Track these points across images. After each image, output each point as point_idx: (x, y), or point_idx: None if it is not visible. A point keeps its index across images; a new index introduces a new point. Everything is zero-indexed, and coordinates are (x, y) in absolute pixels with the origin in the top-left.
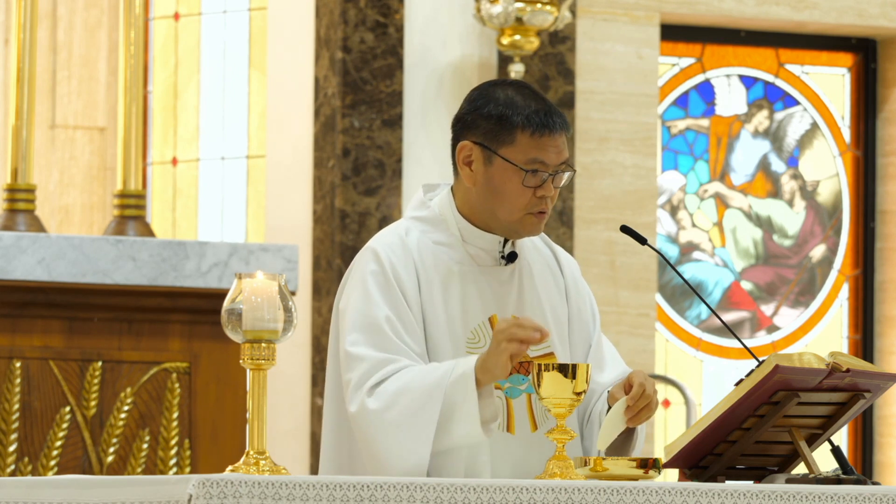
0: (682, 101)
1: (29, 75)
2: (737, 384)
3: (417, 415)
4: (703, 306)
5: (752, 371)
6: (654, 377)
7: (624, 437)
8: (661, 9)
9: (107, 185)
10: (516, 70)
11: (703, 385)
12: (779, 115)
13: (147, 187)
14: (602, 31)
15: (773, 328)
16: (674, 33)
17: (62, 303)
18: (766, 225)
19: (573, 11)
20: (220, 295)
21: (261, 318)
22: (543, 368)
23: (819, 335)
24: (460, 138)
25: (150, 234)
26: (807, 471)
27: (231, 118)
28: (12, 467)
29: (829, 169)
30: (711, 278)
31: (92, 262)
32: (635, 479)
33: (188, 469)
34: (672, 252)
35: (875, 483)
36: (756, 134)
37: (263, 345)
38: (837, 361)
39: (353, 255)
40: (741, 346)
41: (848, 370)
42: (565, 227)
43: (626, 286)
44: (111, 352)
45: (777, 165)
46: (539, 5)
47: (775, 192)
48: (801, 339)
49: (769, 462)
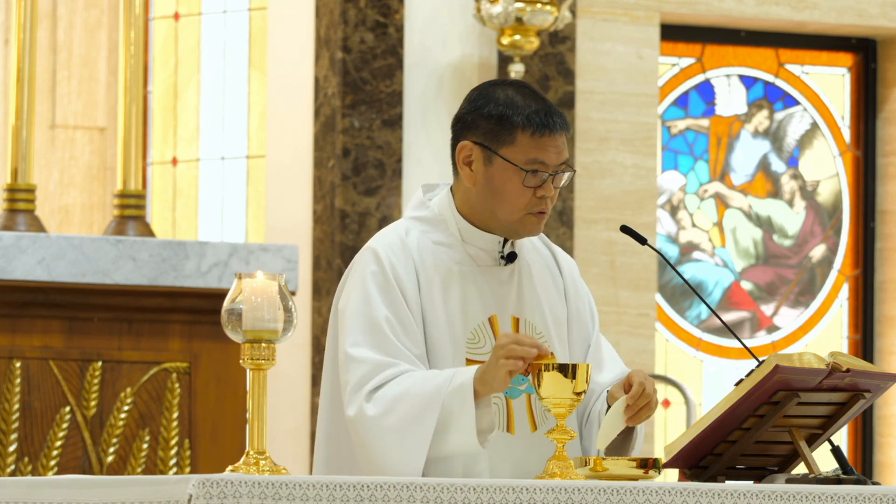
0: (682, 101)
1: (29, 75)
2: (737, 384)
3: (414, 422)
4: (703, 306)
5: (752, 371)
6: (654, 377)
7: (623, 436)
8: (661, 9)
9: (107, 185)
10: (516, 70)
11: (703, 385)
12: (779, 115)
13: (147, 187)
14: (602, 31)
15: (773, 328)
16: (674, 33)
17: (62, 303)
18: (766, 225)
19: (573, 11)
20: (220, 295)
21: (261, 318)
22: (543, 368)
23: (819, 335)
24: (460, 138)
25: (150, 234)
26: (807, 471)
27: (231, 118)
28: (12, 467)
29: (829, 169)
30: (711, 278)
31: (92, 262)
32: (635, 479)
33: (188, 469)
34: (672, 252)
35: (875, 483)
36: (756, 134)
37: (263, 345)
38: (837, 361)
39: (353, 255)
40: (741, 346)
41: (848, 370)
42: (565, 227)
43: (626, 286)
44: (111, 352)
45: (777, 165)
46: (539, 5)
47: (775, 192)
48: (801, 339)
49: (769, 462)
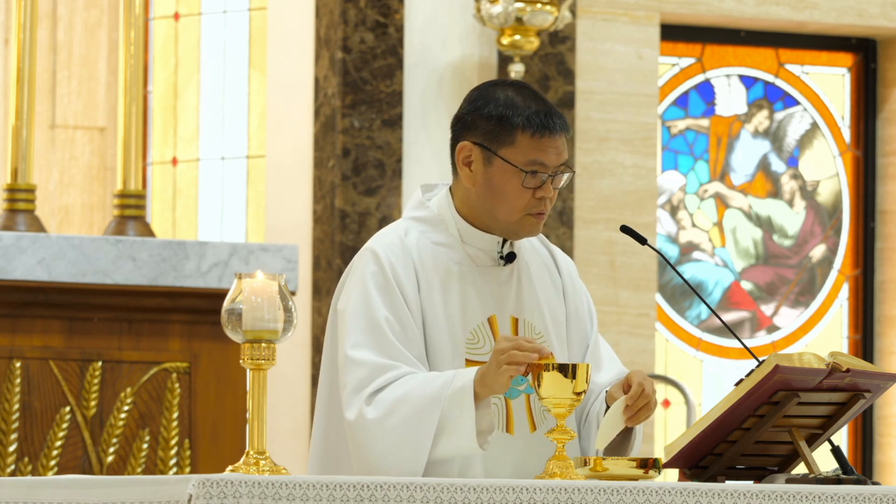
0: (682, 101)
1: (29, 75)
2: (737, 384)
3: (414, 425)
4: (703, 306)
5: (752, 371)
6: (654, 377)
7: (622, 436)
8: (661, 9)
9: (107, 185)
10: (516, 70)
11: (703, 385)
12: (779, 115)
13: (147, 187)
14: (602, 31)
15: (773, 328)
16: (674, 33)
17: (62, 303)
18: (766, 225)
19: (573, 11)
20: (220, 295)
21: (261, 318)
22: (543, 368)
23: (819, 335)
24: (460, 138)
25: (150, 234)
26: (807, 471)
27: (231, 118)
28: (12, 467)
29: (829, 169)
30: (711, 278)
31: (92, 262)
32: (635, 479)
33: (188, 469)
34: (672, 252)
35: (875, 483)
36: (756, 134)
37: (263, 345)
38: (837, 361)
39: (353, 255)
40: (741, 346)
41: (848, 370)
42: (565, 227)
43: (626, 286)
44: (111, 352)
45: (777, 165)
46: (539, 5)
47: (775, 192)
48: (801, 339)
49: (769, 462)
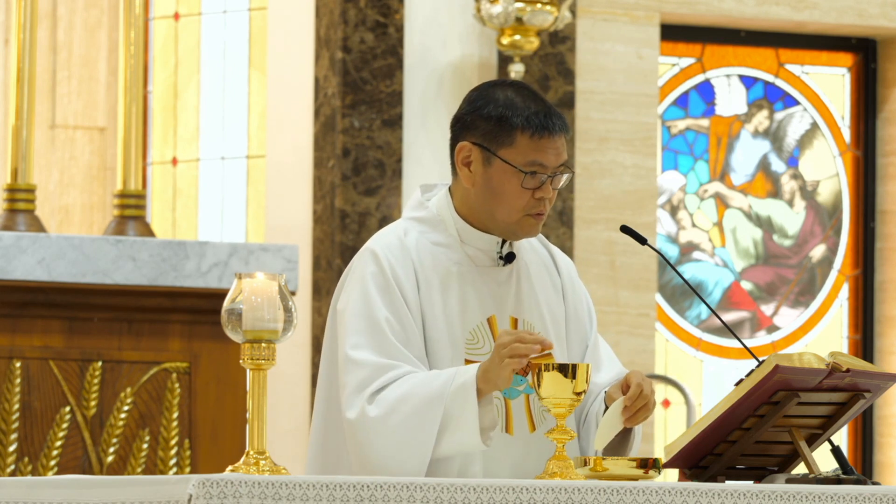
0: (682, 101)
1: (29, 75)
2: (737, 384)
3: (417, 422)
4: (703, 306)
5: (752, 371)
6: (654, 377)
7: (621, 437)
8: (661, 9)
9: (107, 185)
10: (516, 70)
11: (703, 385)
12: (779, 115)
13: (147, 187)
14: (602, 31)
15: (773, 328)
16: (674, 33)
17: (62, 303)
18: (766, 225)
19: (573, 11)
20: (220, 295)
21: (261, 318)
22: (543, 368)
23: (819, 335)
24: (459, 139)
25: (150, 234)
26: (807, 471)
27: (231, 118)
28: (12, 467)
29: (829, 169)
30: (711, 278)
31: (92, 262)
32: (635, 479)
33: (188, 469)
34: (672, 252)
35: (875, 483)
36: (756, 134)
37: (263, 345)
38: (837, 361)
39: (353, 255)
40: (741, 346)
41: (848, 370)
42: (565, 227)
43: (626, 286)
44: (111, 352)
45: (777, 165)
46: (539, 5)
47: (775, 192)
48: (801, 339)
49: (769, 462)
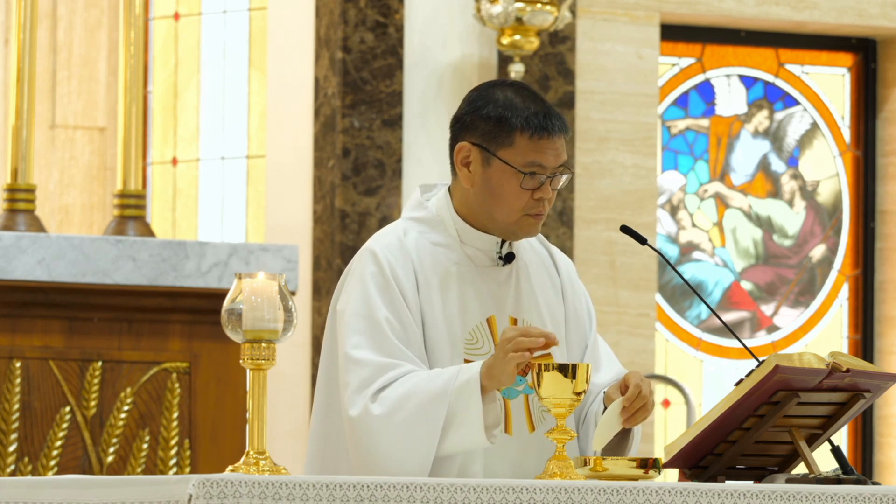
0: (682, 101)
1: (29, 75)
2: (737, 384)
3: (422, 420)
4: (703, 306)
5: (752, 371)
6: (655, 377)
7: (620, 437)
8: (661, 9)
9: (107, 185)
10: (516, 70)
11: (703, 385)
12: (779, 115)
13: (147, 187)
14: (602, 31)
15: (773, 328)
16: (674, 33)
17: (62, 303)
18: (766, 225)
19: (573, 11)
20: (220, 295)
21: (261, 318)
22: (543, 368)
23: (819, 335)
24: (458, 139)
25: (150, 234)
26: (807, 471)
27: (231, 118)
28: (12, 467)
29: (829, 169)
30: (711, 278)
31: (92, 262)
32: (635, 479)
33: (188, 469)
34: (672, 252)
35: (875, 483)
36: (756, 134)
37: (263, 345)
38: (837, 361)
39: (353, 255)
40: (741, 346)
41: (848, 370)
42: (565, 227)
43: (626, 286)
44: (111, 352)
45: (777, 165)
46: (539, 5)
47: (775, 192)
48: (801, 339)
49: (769, 462)
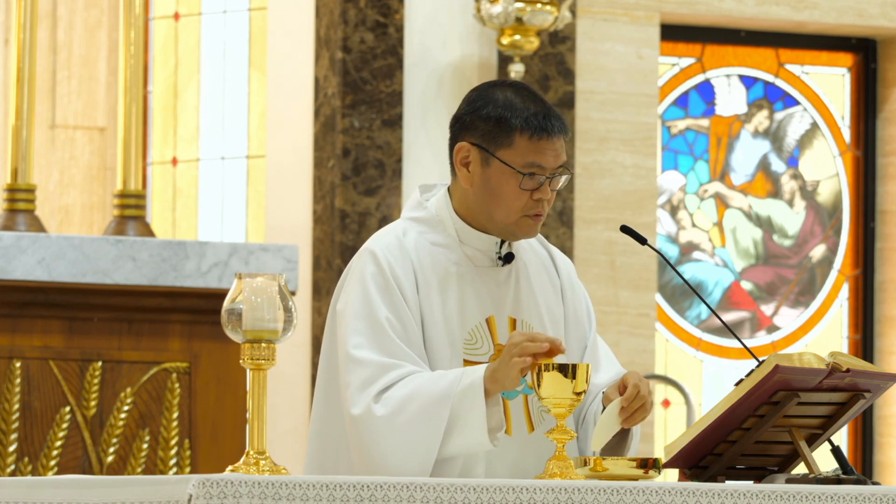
0: (682, 101)
1: (29, 75)
2: (737, 384)
3: (425, 422)
4: (703, 306)
5: (752, 371)
6: (654, 377)
7: (619, 438)
8: (661, 9)
9: (107, 185)
10: (516, 70)
11: (703, 385)
12: (779, 115)
13: (147, 187)
14: (602, 31)
15: (773, 328)
16: (674, 33)
17: (62, 303)
18: (766, 225)
19: (573, 11)
20: (220, 295)
21: (261, 318)
22: (543, 368)
23: (819, 335)
24: (458, 139)
25: (150, 234)
26: (807, 471)
27: (231, 118)
28: (12, 467)
29: (829, 169)
30: (711, 278)
31: (92, 262)
32: (635, 479)
33: (188, 469)
34: (672, 252)
35: (875, 483)
36: (756, 134)
37: (263, 345)
38: (837, 361)
39: (353, 255)
40: (741, 346)
41: (848, 370)
42: (565, 227)
43: (626, 286)
44: (111, 352)
45: (777, 165)
46: (539, 5)
47: (775, 192)
48: (801, 339)
49: (769, 462)
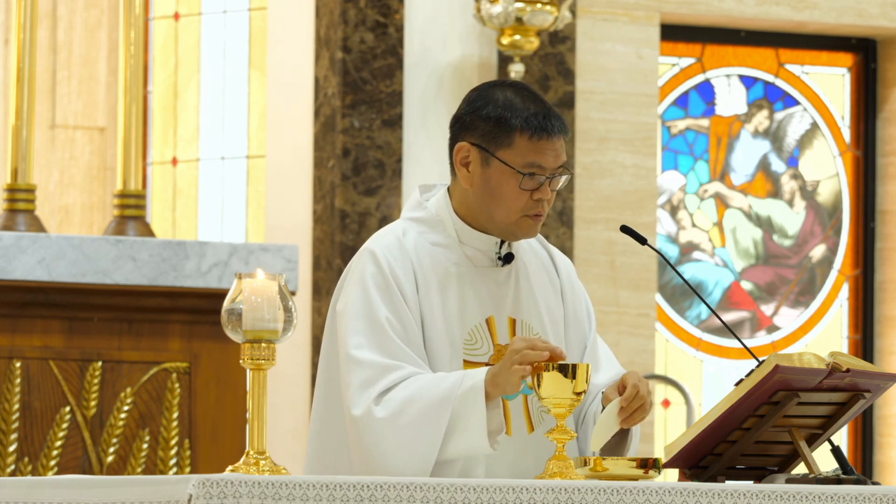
0: (682, 101)
1: (29, 75)
2: (737, 384)
3: (425, 425)
4: (703, 306)
5: (752, 371)
6: (654, 377)
7: (618, 438)
8: (661, 9)
9: (107, 185)
10: (516, 70)
11: (703, 385)
12: (779, 115)
13: (147, 187)
14: (602, 31)
15: (773, 328)
16: (674, 33)
17: (62, 303)
18: (766, 225)
19: (573, 11)
20: (220, 295)
21: (261, 318)
22: (543, 369)
23: (819, 335)
24: (458, 139)
25: (150, 234)
26: (807, 471)
27: (231, 118)
28: (12, 467)
29: (829, 169)
30: (711, 278)
31: (92, 262)
32: (635, 479)
33: (188, 469)
34: (672, 252)
35: (875, 483)
36: (756, 134)
37: (263, 345)
38: (837, 361)
39: (353, 255)
40: (741, 346)
41: (848, 370)
42: (565, 227)
43: (626, 286)
44: (111, 352)
45: (777, 165)
46: (539, 5)
47: (775, 192)
48: (801, 339)
49: (769, 462)
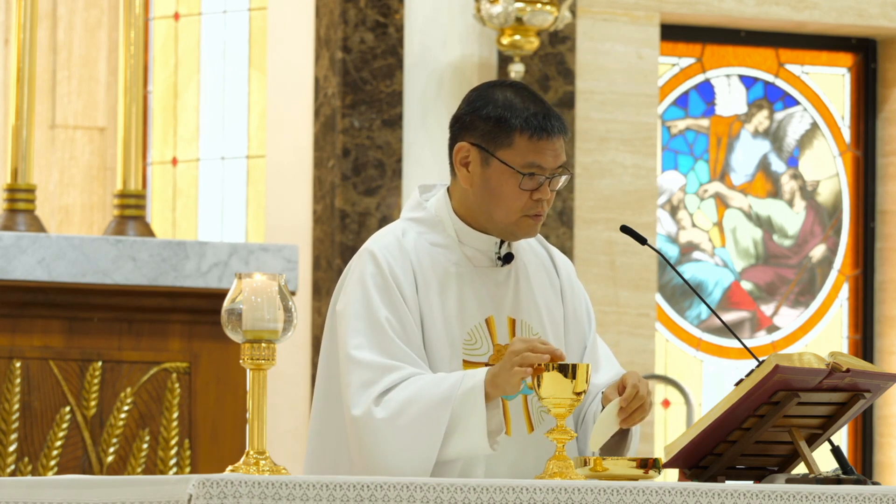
0: (682, 101)
1: (29, 75)
2: (737, 384)
3: (425, 425)
4: (703, 306)
5: (752, 371)
6: (654, 377)
7: (618, 438)
8: (661, 9)
9: (107, 185)
10: (516, 70)
11: (703, 385)
12: (779, 115)
13: (147, 187)
14: (602, 31)
15: (773, 328)
16: (674, 33)
17: (62, 303)
18: (766, 225)
19: (573, 11)
20: (220, 295)
21: (261, 318)
22: (543, 370)
23: (819, 335)
24: (458, 139)
25: (150, 234)
26: (807, 471)
27: (231, 118)
28: (12, 467)
29: (829, 169)
30: (711, 278)
31: (92, 262)
32: (635, 479)
33: (188, 469)
34: (672, 252)
35: (875, 483)
36: (756, 134)
37: (263, 345)
38: (837, 361)
39: (353, 255)
40: (741, 346)
41: (848, 370)
42: (565, 227)
43: (626, 286)
44: (111, 352)
45: (777, 165)
46: (539, 5)
47: (775, 192)
48: (801, 339)
49: (769, 462)
